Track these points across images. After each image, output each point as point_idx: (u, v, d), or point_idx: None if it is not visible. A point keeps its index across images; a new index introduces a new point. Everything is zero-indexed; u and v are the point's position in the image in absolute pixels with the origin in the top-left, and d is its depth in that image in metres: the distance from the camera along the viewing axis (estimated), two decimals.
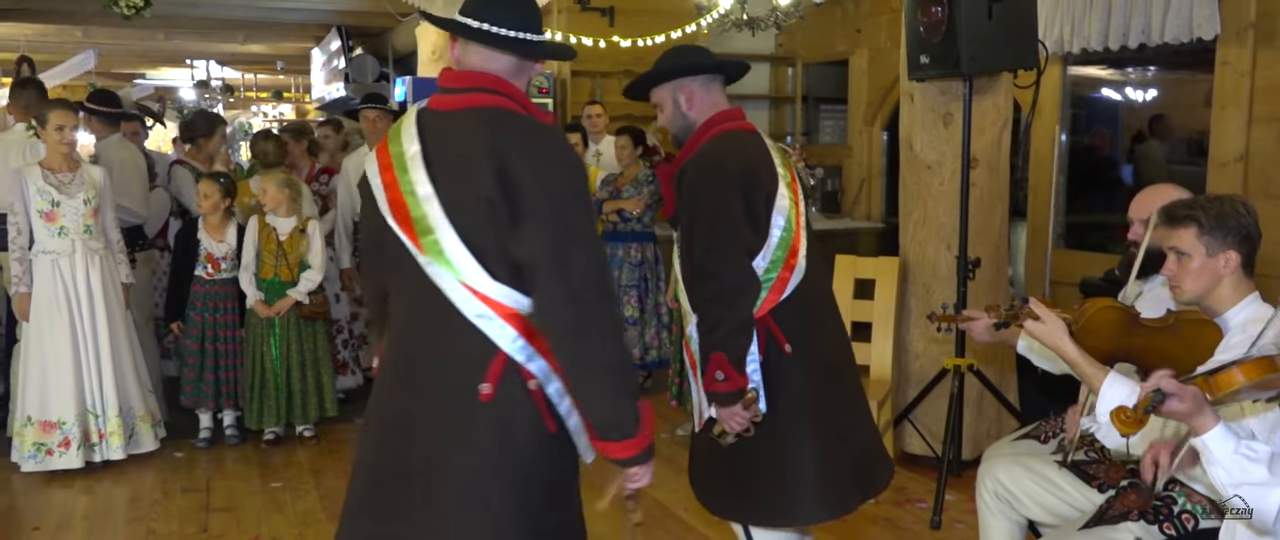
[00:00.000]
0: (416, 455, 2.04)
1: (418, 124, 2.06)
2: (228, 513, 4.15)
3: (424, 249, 1.99)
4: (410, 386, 2.06)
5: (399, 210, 2.02)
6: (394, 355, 2.12)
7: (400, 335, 2.10)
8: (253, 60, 14.58)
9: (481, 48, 2.06)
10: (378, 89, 8.99)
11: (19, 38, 11.47)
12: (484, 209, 1.93)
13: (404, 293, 2.08)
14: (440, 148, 2.02)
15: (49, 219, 4.52)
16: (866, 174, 8.28)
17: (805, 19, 7.45)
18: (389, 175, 2.05)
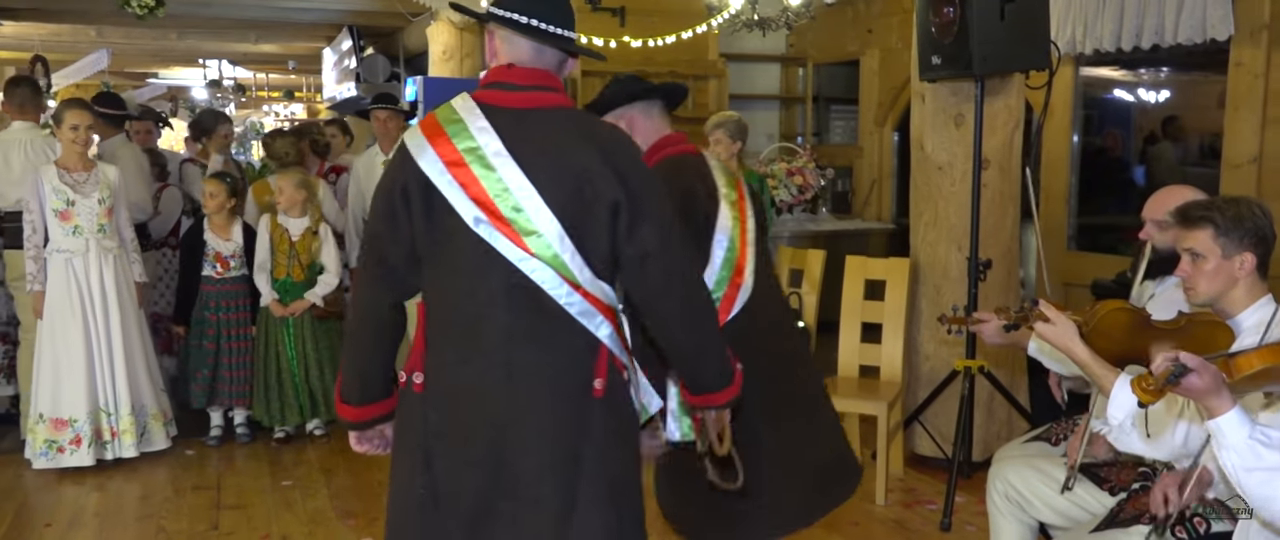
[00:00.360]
0: (525, 463, 1.99)
1: (488, 119, 2.00)
2: (238, 510, 4.17)
3: (528, 247, 1.96)
4: (507, 393, 1.99)
5: (490, 209, 1.96)
6: (476, 362, 2.00)
7: (483, 340, 1.99)
8: (265, 60, 14.62)
9: (528, 44, 2.06)
10: (388, 89, 9.00)
11: (33, 37, 11.53)
12: (608, 212, 1.98)
13: (481, 294, 1.98)
14: (522, 145, 1.98)
15: (64, 218, 4.54)
16: (877, 175, 8.26)
17: (816, 19, 7.44)
18: (464, 172, 1.97)
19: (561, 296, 1.98)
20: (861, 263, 4.76)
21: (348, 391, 2.15)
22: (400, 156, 2.05)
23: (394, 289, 2.09)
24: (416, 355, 2.06)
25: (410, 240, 2.03)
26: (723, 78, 8.29)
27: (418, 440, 2.04)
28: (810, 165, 7.36)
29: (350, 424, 2.18)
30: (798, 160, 7.41)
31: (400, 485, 2.09)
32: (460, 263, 2.00)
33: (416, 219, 2.01)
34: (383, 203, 2.05)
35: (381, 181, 2.08)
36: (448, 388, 2.02)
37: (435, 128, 2.03)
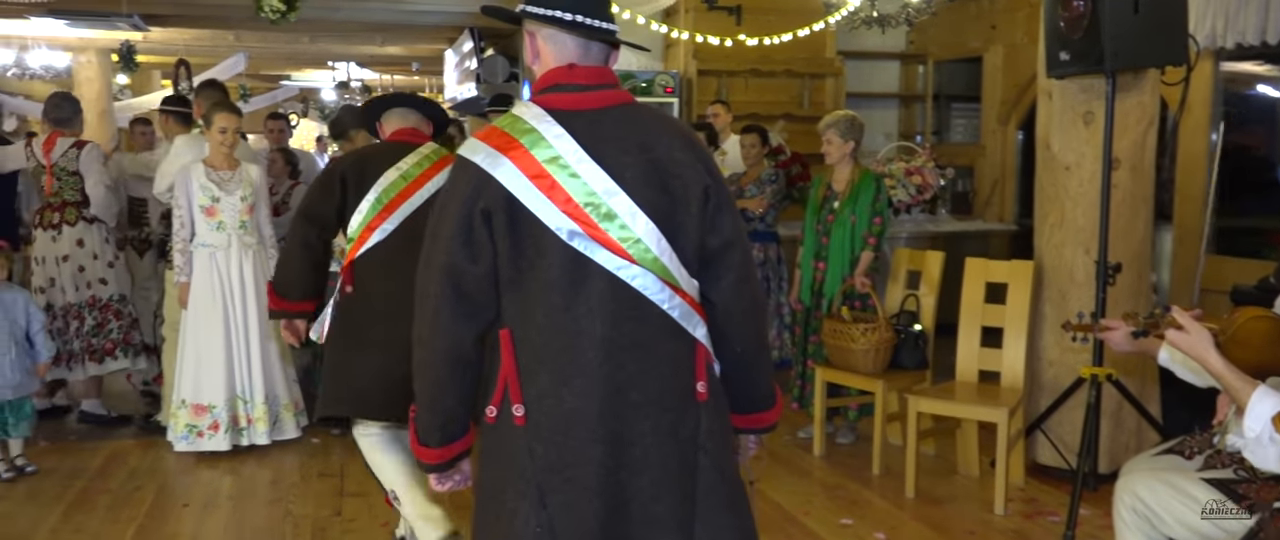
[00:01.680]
0: (641, 482, 1.92)
1: (561, 125, 1.92)
2: (360, 498, 4.31)
3: (628, 254, 1.89)
4: (615, 411, 1.90)
5: (582, 219, 1.88)
6: (578, 383, 1.89)
7: (583, 358, 1.89)
8: (389, 61, 15.06)
9: (575, 41, 1.98)
10: (507, 89, 9.17)
11: (177, 42, 12.14)
12: (698, 202, 1.94)
13: (578, 310, 1.89)
14: (602, 147, 1.91)
15: (209, 214, 4.77)
16: (999, 174, 8.02)
17: (938, 15, 7.28)
18: (549, 183, 1.88)
19: (663, 301, 1.92)
20: (982, 265, 4.63)
21: (427, 435, 1.99)
22: (470, 176, 1.90)
23: (477, 322, 1.93)
24: (510, 386, 1.92)
25: (492, 265, 1.90)
26: (840, 76, 8.18)
27: (528, 477, 1.91)
28: (929, 165, 7.19)
29: (431, 467, 2.03)
30: (916, 159, 7.26)
31: (509, 527, 1.93)
32: (552, 279, 1.89)
33: (500, 241, 1.89)
34: (459, 230, 1.89)
35: (449, 208, 1.92)
36: (553, 416, 1.90)
37: (506, 139, 1.92)
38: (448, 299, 1.90)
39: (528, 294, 1.90)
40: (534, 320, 1.91)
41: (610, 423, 1.90)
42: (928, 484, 4.44)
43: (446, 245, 1.89)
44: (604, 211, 1.89)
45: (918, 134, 8.76)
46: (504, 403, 1.93)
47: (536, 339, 1.91)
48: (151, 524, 4.02)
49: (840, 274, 4.82)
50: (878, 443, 4.64)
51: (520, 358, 1.92)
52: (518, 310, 1.92)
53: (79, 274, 5.30)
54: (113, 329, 5.39)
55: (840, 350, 4.63)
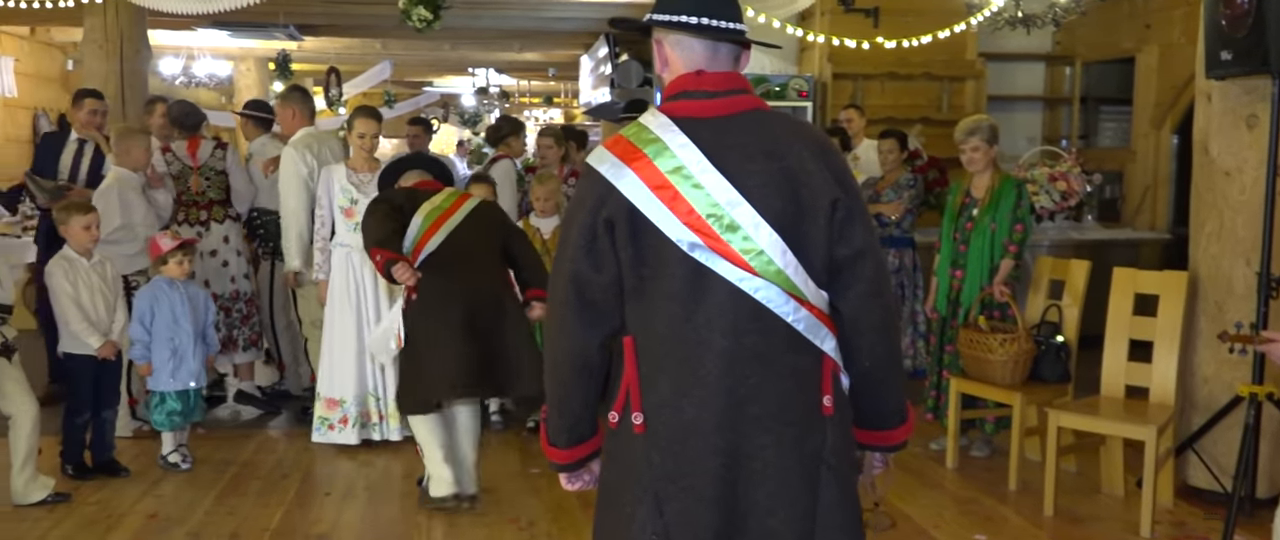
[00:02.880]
0: (759, 495, 1.91)
1: (685, 133, 1.91)
2: (489, 493, 4.41)
3: (750, 266, 1.87)
4: (734, 423, 1.89)
5: (704, 231, 1.87)
6: (697, 394, 1.89)
7: (703, 369, 1.88)
8: (527, 67, 15.38)
9: (703, 45, 1.96)
10: (641, 94, 9.24)
11: (329, 51, 12.71)
12: (826, 212, 1.90)
13: (698, 320, 1.88)
14: (727, 155, 1.89)
15: (347, 215, 4.97)
16: (1151, 180, 7.65)
17: (1087, 14, 6.98)
18: (671, 194, 1.87)
19: (788, 314, 1.89)
20: (1131, 275, 4.43)
21: (556, 435, 2.05)
22: (595, 185, 1.92)
23: (602, 329, 1.94)
24: (631, 393, 1.93)
25: (616, 274, 1.91)
26: (981, 78, 7.95)
27: (645, 484, 1.92)
28: (1075, 170, 6.91)
29: (560, 466, 2.08)
30: (1061, 164, 6.98)
31: (627, 530, 1.95)
32: (672, 290, 1.88)
33: (622, 251, 1.89)
34: (583, 239, 1.91)
35: (576, 217, 1.94)
36: (671, 426, 1.90)
37: (630, 149, 1.92)
38: (573, 306, 1.92)
39: (649, 303, 1.91)
40: (655, 329, 1.91)
41: (728, 435, 1.89)
42: (1068, 502, 4.27)
43: (572, 254, 1.92)
44: (726, 223, 1.87)
45: (1063, 138, 8.43)
46: (625, 409, 1.94)
47: (657, 348, 1.91)
48: (297, 510, 4.21)
49: (979, 282, 4.68)
50: (1015, 457, 4.48)
51: (642, 366, 1.93)
52: (640, 319, 1.92)
53: (223, 269, 5.61)
54: (255, 323, 5.73)
55: (977, 361, 4.49)
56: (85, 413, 4.49)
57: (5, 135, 10.83)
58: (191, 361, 4.60)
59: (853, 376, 2.00)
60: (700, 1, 1.94)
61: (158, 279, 4.63)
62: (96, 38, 7.62)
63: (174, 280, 4.60)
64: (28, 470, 4.17)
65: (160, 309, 4.53)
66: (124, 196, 5.10)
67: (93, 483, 4.46)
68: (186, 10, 6.01)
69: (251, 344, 5.75)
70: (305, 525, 4.05)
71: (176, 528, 4.02)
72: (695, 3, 1.94)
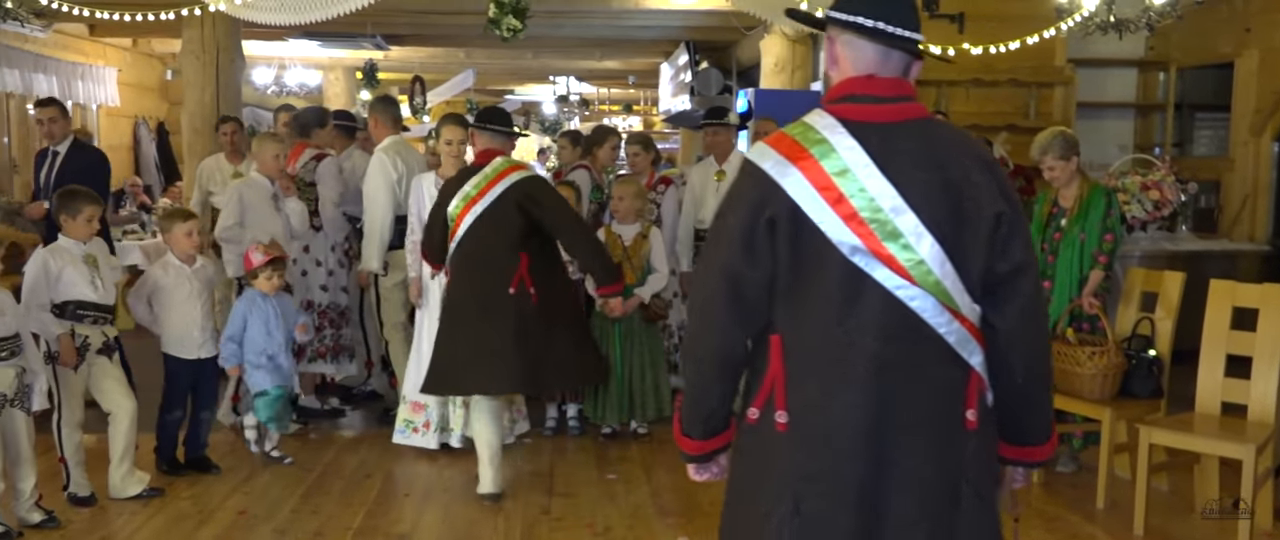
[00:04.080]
0: (900, 504, 1.90)
1: (853, 136, 1.89)
2: (567, 498, 4.44)
3: (909, 274, 1.86)
4: (880, 430, 1.88)
5: (866, 235, 1.86)
6: (845, 397, 1.88)
7: (853, 373, 1.88)
8: (607, 75, 15.49)
9: (874, 49, 1.95)
10: (720, 102, 9.24)
11: (413, 60, 12.97)
12: (989, 225, 1.89)
13: (851, 324, 1.88)
14: (894, 161, 1.88)
15: None
16: (1250, 190, 7.37)
17: (1183, 18, 6.76)
18: (837, 197, 1.86)
19: (940, 326, 1.88)
20: (1229, 287, 4.27)
21: (690, 426, 2.06)
22: (758, 182, 1.91)
23: (751, 326, 1.95)
24: (776, 392, 1.93)
25: (771, 273, 1.91)
26: (1070, 84, 7.75)
27: (785, 483, 1.91)
28: (1169, 179, 6.69)
29: (691, 457, 2.09)
30: (1154, 173, 6.77)
31: (761, 529, 1.94)
32: (828, 292, 1.88)
33: (780, 249, 1.89)
34: (742, 235, 1.90)
35: (735, 212, 1.94)
36: (817, 427, 1.90)
37: (796, 148, 1.91)
38: (724, 302, 1.93)
39: (803, 303, 1.91)
40: (806, 330, 1.91)
41: (874, 441, 1.88)
42: (1159, 522, 4.13)
43: (728, 249, 1.92)
44: (889, 229, 1.86)
45: (1156, 146, 8.18)
46: (767, 407, 1.94)
47: (806, 349, 1.91)
48: (378, 510, 4.29)
49: (1067, 294, 4.56)
50: (1103, 474, 4.36)
51: (789, 365, 1.92)
52: (791, 318, 1.92)
53: (302, 279, 5.61)
54: (326, 336, 5.67)
55: (1065, 374, 4.38)
56: (179, 411, 4.64)
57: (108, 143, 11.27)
58: (285, 366, 4.74)
59: (1002, 392, 1.98)
60: (878, 5, 1.92)
61: (251, 291, 4.76)
62: (194, 49, 7.90)
63: (268, 295, 4.73)
64: (125, 465, 4.32)
65: (253, 320, 4.66)
66: (247, 199, 5.20)
67: (185, 478, 4.61)
68: (279, 21, 6.18)
69: (318, 356, 5.69)
70: (386, 525, 4.13)
71: (264, 524, 4.13)
72: (872, 6, 1.93)
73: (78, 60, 10.34)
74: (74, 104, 10.54)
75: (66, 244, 4.22)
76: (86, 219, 4.23)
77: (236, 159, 6.67)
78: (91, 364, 4.25)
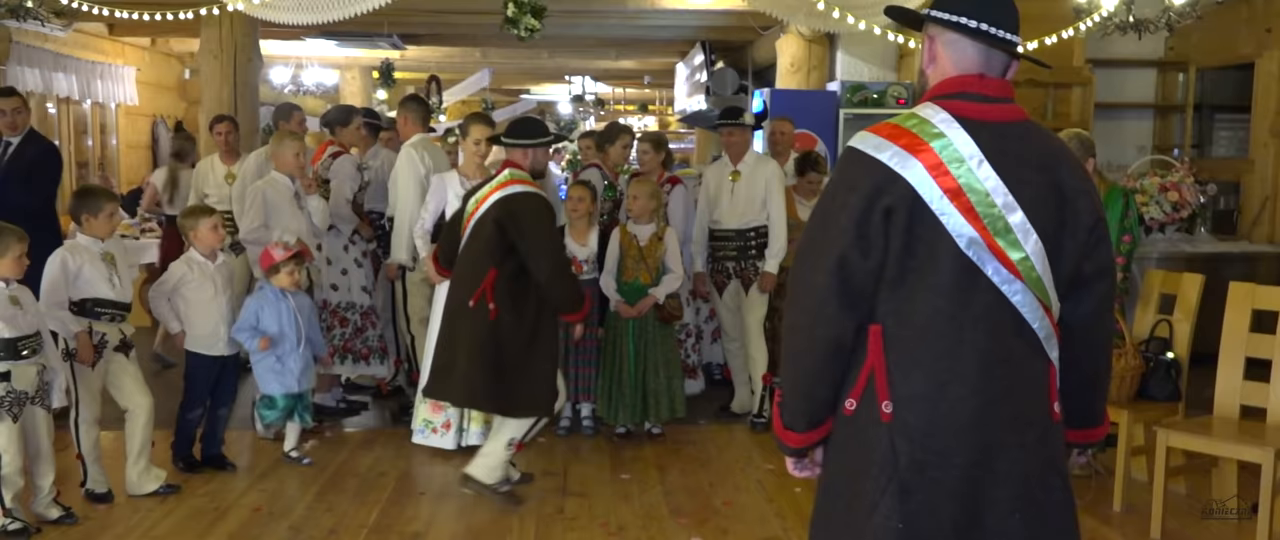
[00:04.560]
0: (1000, 493, 1.95)
1: (967, 133, 1.94)
2: (581, 498, 4.44)
3: (1017, 270, 1.92)
4: (985, 421, 1.93)
5: (981, 229, 1.91)
6: (954, 389, 1.92)
7: (960, 366, 1.92)
8: (622, 75, 15.50)
9: (976, 50, 2.00)
10: (736, 101, 9.22)
11: (430, 60, 13.01)
12: (1087, 230, 2.00)
13: (962, 318, 1.92)
14: (1005, 161, 1.93)
15: None
16: (1271, 191, 7.31)
17: (1203, 19, 6.72)
18: (954, 188, 1.91)
19: (1034, 321, 1.95)
20: (1248, 290, 4.23)
21: (794, 418, 2.06)
22: (872, 171, 1.93)
23: (859, 314, 1.95)
24: (877, 382, 1.95)
25: (882, 261, 1.92)
26: (1088, 85, 7.71)
27: (890, 473, 1.93)
28: (1188, 180, 6.65)
29: (793, 450, 2.09)
30: (1173, 174, 6.72)
31: (866, 519, 1.95)
32: (940, 284, 1.91)
33: (893, 239, 1.92)
34: (856, 223, 1.91)
35: (846, 201, 1.94)
36: (924, 418, 1.93)
37: (916, 140, 1.94)
38: (835, 291, 1.94)
39: (910, 294, 1.93)
40: (913, 321, 1.94)
41: (981, 433, 1.93)
42: (1176, 526, 4.10)
43: (840, 238, 1.93)
44: (1001, 225, 1.91)
45: (1175, 147, 8.13)
46: (867, 397, 1.97)
47: (913, 340, 1.94)
48: (393, 508, 4.31)
49: None
50: (1120, 477, 4.33)
51: (891, 355, 1.95)
52: (895, 308, 1.94)
53: (317, 275, 5.58)
54: (336, 336, 5.66)
55: None
56: (199, 409, 4.66)
57: (127, 142, 11.36)
58: (293, 366, 4.73)
59: (1071, 383, 2.08)
60: (982, 6, 1.97)
61: (266, 287, 4.76)
62: (212, 48, 7.95)
63: (282, 290, 4.73)
64: (142, 462, 4.35)
65: (265, 317, 4.65)
66: (270, 199, 5.21)
67: (202, 475, 4.64)
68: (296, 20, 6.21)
69: (342, 353, 5.68)
70: (401, 523, 4.14)
71: (279, 521, 4.15)
72: (977, 6, 1.97)
73: (97, 59, 10.42)
74: (93, 102, 10.63)
75: (85, 241, 4.24)
76: (107, 216, 4.26)
77: (231, 159, 6.63)
78: (109, 361, 4.28)
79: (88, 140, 10.90)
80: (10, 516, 3.85)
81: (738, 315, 5.63)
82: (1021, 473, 1.95)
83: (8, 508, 3.85)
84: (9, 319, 3.78)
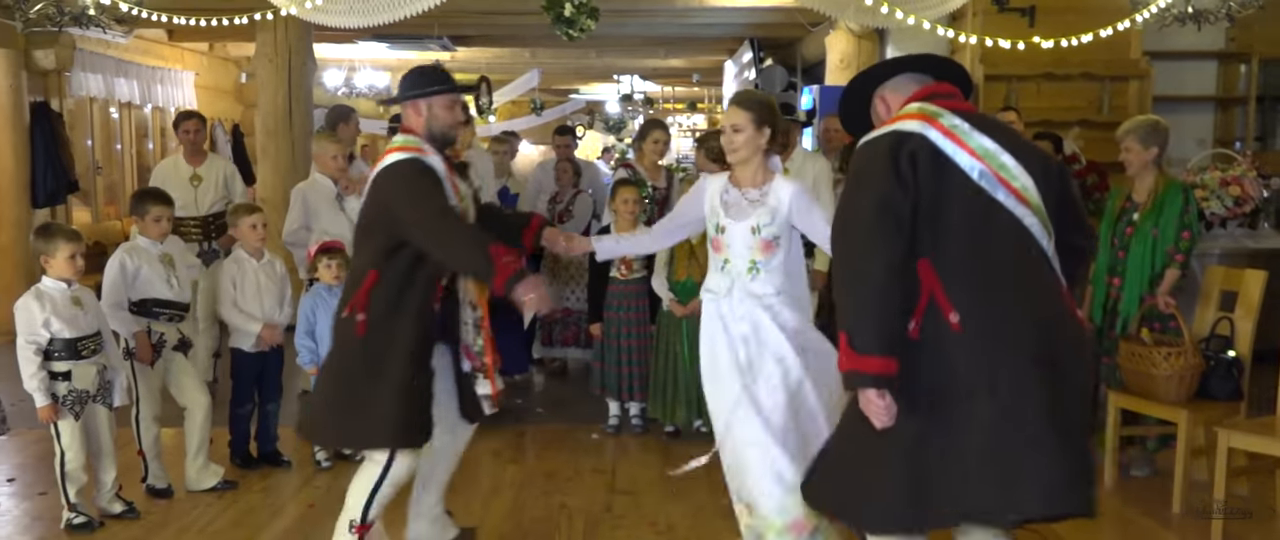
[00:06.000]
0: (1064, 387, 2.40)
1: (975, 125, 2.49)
2: (629, 496, 4.45)
3: (1024, 197, 2.43)
4: (1035, 321, 2.40)
5: (987, 166, 2.43)
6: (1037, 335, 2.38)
7: (1036, 316, 2.40)
8: (671, 74, 15.48)
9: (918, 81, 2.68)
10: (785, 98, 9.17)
11: (480, 61, 13.10)
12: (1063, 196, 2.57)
13: (992, 241, 2.41)
14: (984, 127, 2.49)
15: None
16: None
17: (1265, 8, 6.54)
18: (957, 140, 2.44)
19: (1043, 241, 2.44)
20: None
21: (869, 343, 2.31)
22: (895, 136, 2.44)
23: (905, 240, 2.35)
24: (937, 301, 2.35)
25: (916, 200, 2.37)
26: (1146, 78, 7.54)
27: (976, 373, 2.36)
28: (1250, 174, 6.48)
29: (876, 377, 2.32)
30: (1234, 168, 6.56)
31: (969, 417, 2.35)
32: (968, 211, 2.41)
33: (923, 179, 2.38)
34: (890, 167, 2.37)
35: (876, 156, 2.42)
36: (991, 320, 2.36)
37: (922, 117, 2.47)
38: (881, 221, 2.33)
39: (946, 227, 2.38)
40: (950, 249, 2.38)
41: (1036, 331, 2.38)
42: (1239, 529, 4.00)
43: (881, 182, 2.37)
44: (997, 162, 2.43)
45: (1237, 140, 7.93)
46: (930, 315, 2.36)
47: (955, 266, 2.37)
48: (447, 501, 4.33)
49: (1137, 292, 4.45)
50: (1180, 479, 4.24)
51: (944, 278, 2.36)
52: (933, 241, 2.37)
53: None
54: None
55: (1139, 375, 4.27)
56: (248, 404, 4.75)
57: None
58: None
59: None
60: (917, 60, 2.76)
61: (317, 285, 4.84)
62: (267, 52, 8.09)
63: (332, 286, 4.79)
64: (200, 459, 4.44)
65: (320, 315, 4.71)
66: (310, 201, 5.31)
67: (258, 472, 4.72)
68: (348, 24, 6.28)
69: None
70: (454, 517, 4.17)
71: (332, 518, 4.18)
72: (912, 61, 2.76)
73: (157, 64, 10.65)
74: (153, 107, 10.87)
75: (143, 243, 4.34)
76: (154, 219, 4.33)
77: (197, 160, 6.20)
78: (168, 360, 4.37)
79: (149, 144, 11.15)
80: (75, 510, 3.96)
81: None
82: (1072, 368, 2.41)
83: (72, 502, 3.96)
84: (70, 319, 3.89)
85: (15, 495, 4.48)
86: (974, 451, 2.33)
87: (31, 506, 4.33)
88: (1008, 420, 2.31)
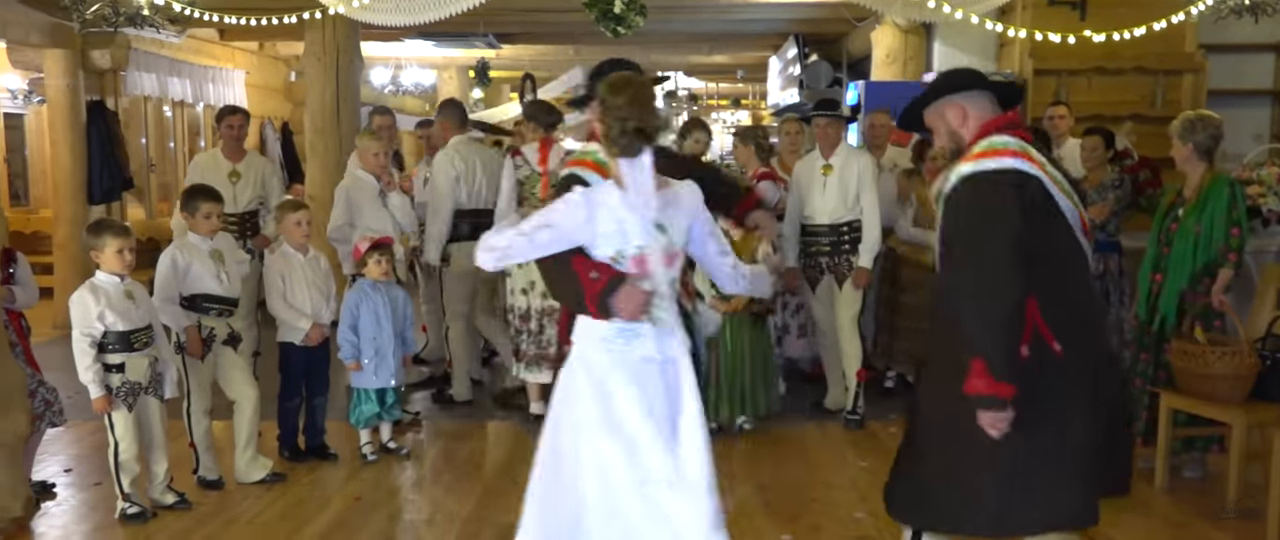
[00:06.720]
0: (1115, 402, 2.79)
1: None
2: None
3: (1088, 228, 2.76)
4: (1105, 350, 2.83)
5: (1068, 200, 2.70)
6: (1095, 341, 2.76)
7: (1092, 324, 2.77)
8: (715, 70, 15.44)
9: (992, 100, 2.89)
10: (830, 94, 9.10)
11: (524, 58, 13.16)
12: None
13: (1080, 276, 2.75)
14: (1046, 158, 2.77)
15: None
16: None
17: None
18: (1049, 174, 2.68)
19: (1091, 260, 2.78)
20: None
21: (1002, 371, 2.54)
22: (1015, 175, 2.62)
23: (1027, 278, 2.55)
24: (1041, 333, 2.60)
25: (1035, 239, 2.58)
26: (1201, 72, 7.39)
27: (1080, 380, 2.66)
28: None
29: (1006, 400, 2.55)
30: None
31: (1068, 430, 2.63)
32: (1064, 250, 2.68)
33: (1037, 219, 2.59)
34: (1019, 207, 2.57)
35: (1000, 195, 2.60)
36: (1084, 345, 2.66)
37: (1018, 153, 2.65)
38: (1013, 261, 2.53)
39: (1051, 267, 2.61)
40: (1052, 285, 2.61)
41: (1114, 358, 2.94)
42: None
43: (1011, 217, 2.55)
44: (1075, 199, 2.71)
45: None
46: (1036, 344, 2.60)
47: (1057, 297, 2.61)
48: (488, 499, 4.38)
49: (1178, 288, 4.35)
50: (1234, 481, 4.14)
51: (1046, 313, 2.60)
52: (1037, 280, 2.56)
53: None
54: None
55: (1192, 375, 4.18)
56: (296, 398, 4.81)
57: None
58: (391, 361, 4.84)
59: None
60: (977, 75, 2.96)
61: (362, 281, 4.89)
62: (316, 51, 8.20)
63: (377, 282, 4.84)
64: (249, 451, 4.52)
65: (364, 310, 4.78)
66: (354, 198, 5.43)
67: (306, 465, 4.79)
68: (395, 22, 6.36)
69: None
70: (496, 514, 4.20)
71: (377, 511, 4.26)
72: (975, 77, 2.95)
73: (209, 64, 10.84)
74: (205, 105, 11.06)
75: (194, 239, 4.42)
76: (204, 216, 4.40)
77: (236, 156, 6.13)
78: (218, 354, 4.44)
79: (201, 141, 11.35)
80: (128, 500, 4.05)
81: (831, 311, 5.53)
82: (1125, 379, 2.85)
83: (126, 492, 4.04)
84: (123, 313, 3.97)
85: (72, 485, 4.58)
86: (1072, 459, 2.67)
87: (88, 496, 4.43)
88: (1096, 432, 2.68)
